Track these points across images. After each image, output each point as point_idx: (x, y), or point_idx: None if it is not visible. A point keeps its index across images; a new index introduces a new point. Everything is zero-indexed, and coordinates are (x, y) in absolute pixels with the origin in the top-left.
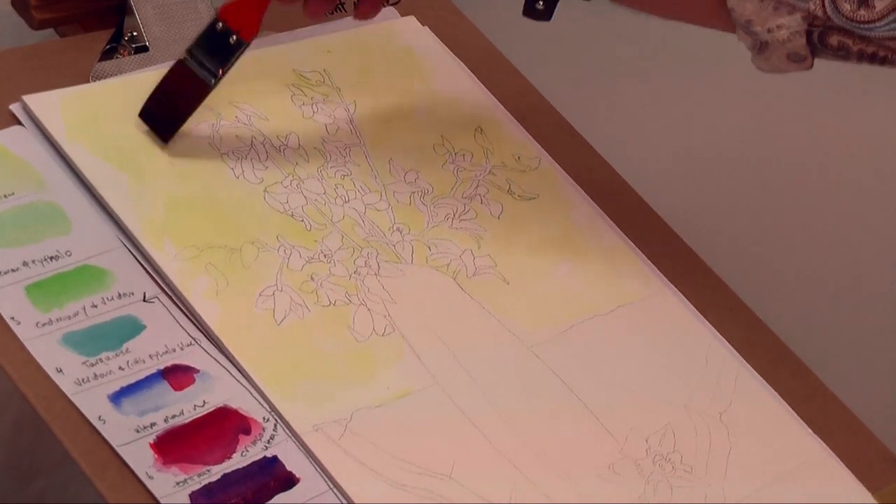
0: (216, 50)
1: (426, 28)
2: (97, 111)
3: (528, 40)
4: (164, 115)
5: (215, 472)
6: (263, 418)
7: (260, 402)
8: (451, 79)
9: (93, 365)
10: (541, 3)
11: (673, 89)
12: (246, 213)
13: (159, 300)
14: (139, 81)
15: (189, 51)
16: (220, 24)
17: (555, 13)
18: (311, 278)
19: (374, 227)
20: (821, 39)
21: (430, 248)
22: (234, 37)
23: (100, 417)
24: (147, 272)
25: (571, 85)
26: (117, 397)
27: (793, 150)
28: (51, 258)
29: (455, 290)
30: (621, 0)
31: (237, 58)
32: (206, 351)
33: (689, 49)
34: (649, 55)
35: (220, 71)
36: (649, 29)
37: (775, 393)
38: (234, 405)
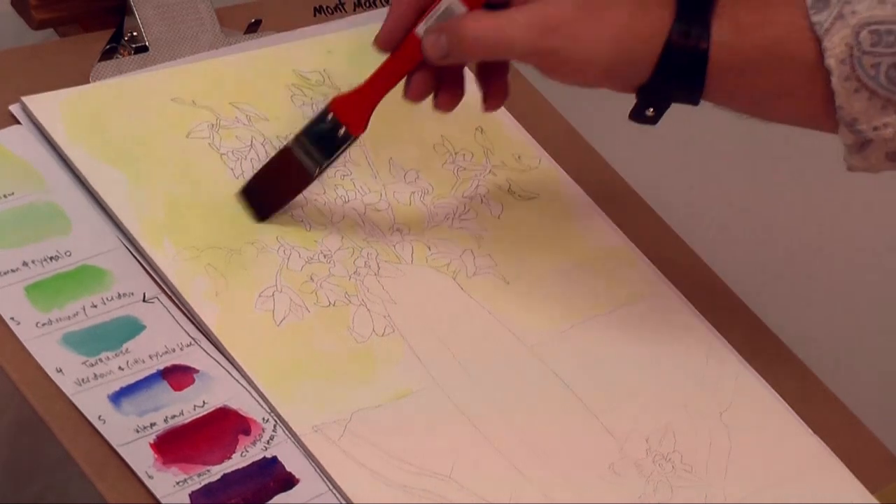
0: (323, 140)
1: None
2: (97, 111)
3: None
4: (263, 197)
5: (215, 473)
6: (263, 419)
7: (259, 403)
8: None
9: (93, 365)
10: (651, 110)
11: None
12: (246, 214)
13: (159, 300)
14: (139, 81)
15: (297, 137)
16: (330, 116)
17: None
18: (311, 279)
19: (373, 227)
20: None
21: (430, 248)
22: (343, 130)
23: (100, 417)
24: (147, 272)
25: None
26: (117, 397)
27: (793, 150)
28: (51, 258)
29: (455, 290)
30: (724, 104)
31: (343, 151)
32: (205, 351)
33: None
34: None
35: (325, 162)
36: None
37: (775, 393)
38: (233, 405)
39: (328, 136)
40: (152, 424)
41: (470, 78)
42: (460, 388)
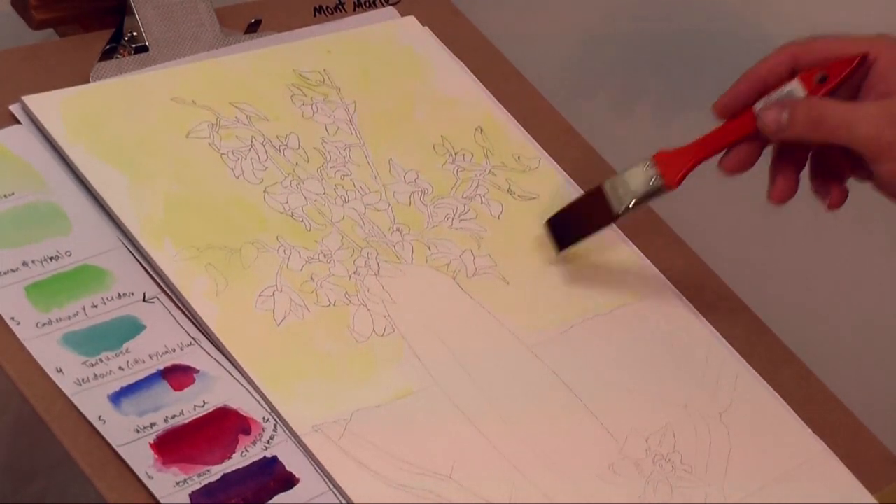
0: (637, 187)
1: (426, 28)
2: (97, 111)
3: (528, 40)
4: (568, 229)
5: (215, 472)
6: (263, 418)
7: (260, 403)
8: (451, 79)
9: (93, 365)
10: None
11: (673, 89)
12: (246, 214)
13: (159, 300)
14: (139, 81)
15: (614, 178)
16: (651, 165)
17: None
18: (311, 279)
19: (374, 227)
20: None
21: (430, 248)
22: (658, 179)
23: (100, 417)
24: (147, 272)
25: (571, 85)
26: (117, 397)
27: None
28: (51, 258)
29: (455, 290)
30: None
31: (651, 198)
32: (205, 351)
33: (689, 48)
34: (649, 55)
35: (632, 202)
36: (649, 28)
37: (775, 393)
38: (233, 405)
39: (644, 183)
40: (152, 424)
41: (465, 77)
42: (460, 388)
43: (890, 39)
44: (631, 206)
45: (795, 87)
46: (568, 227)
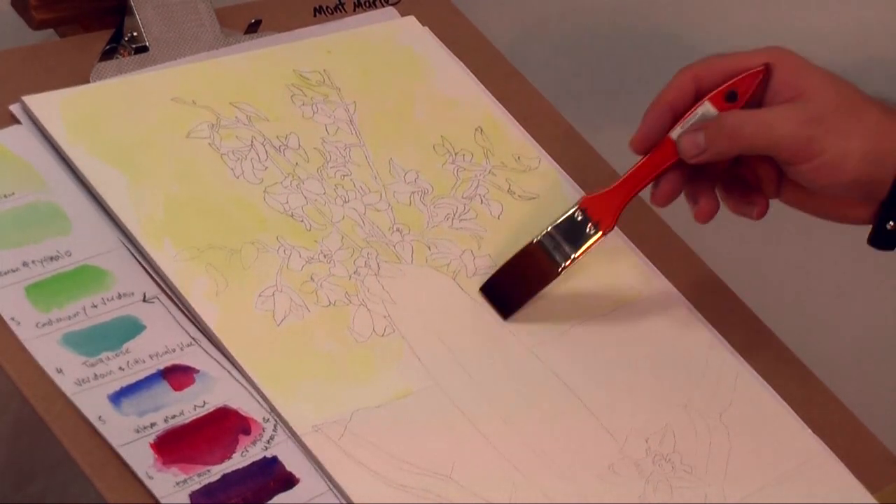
0: (572, 237)
1: (426, 28)
2: (97, 111)
3: (527, 40)
4: (506, 293)
5: (215, 473)
6: (263, 419)
7: (260, 403)
8: (451, 79)
9: (93, 365)
10: (891, 223)
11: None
12: (246, 214)
13: (159, 300)
14: (139, 81)
15: (546, 234)
16: (580, 213)
17: None
18: (311, 279)
19: (374, 227)
20: None
21: (430, 248)
22: (592, 226)
23: (100, 417)
24: (147, 272)
25: (571, 85)
26: (117, 397)
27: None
28: (51, 258)
29: (455, 290)
30: None
31: (589, 247)
32: (205, 351)
33: (690, 48)
34: (649, 55)
35: (572, 256)
36: (649, 28)
37: (775, 393)
38: (234, 405)
39: (577, 231)
40: (152, 424)
41: (465, 77)
42: (460, 388)
43: (782, 49)
44: (571, 260)
45: (707, 109)
46: (509, 290)
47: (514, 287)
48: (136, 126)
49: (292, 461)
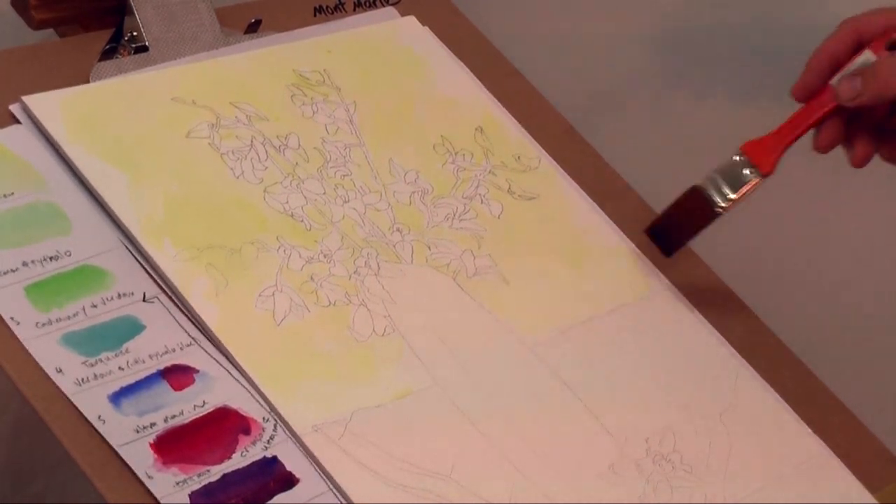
0: (732, 179)
1: (426, 28)
2: (97, 111)
3: (528, 40)
4: (671, 233)
5: (215, 473)
6: (263, 418)
7: (260, 403)
8: (451, 79)
9: (93, 365)
10: None
11: (673, 88)
12: (246, 214)
13: (159, 300)
14: (139, 81)
15: (708, 176)
16: (740, 157)
17: None
18: (311, 279)
19: (373, 227)
20: None
21: (430, 248)
22: (752, 169)
23: (99, 417)
24: (147, 272)
25: (571, 85)
26: (117, 397)
27: (793, 149)
28: (51, 258)
29: (455, 290)
30: None
31: (751, 190)
32: (205, 351)
33: (690, 48)
34: (649, 54)
35: (733, 198)
36: (649, 28)
37: (775, 393)
38: (233, 405)
39: (737, 174)
40: (152, 424)
41: (465, 77)
42: (460, 388)
43: None
44: (732, 201)
45: (868, 58)
46: (673, 231)
47: (677, 228)
48: (135, 126)
49: (292, 461)
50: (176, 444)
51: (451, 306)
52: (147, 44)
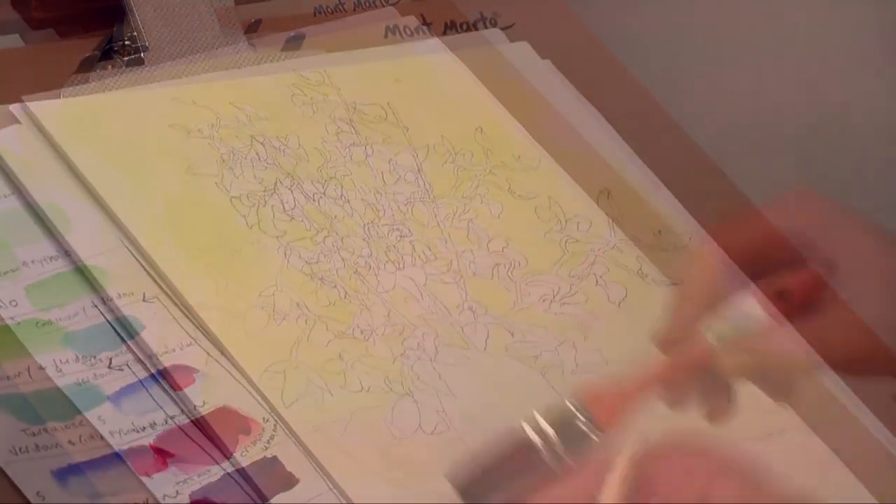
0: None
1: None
2: (97, 111)
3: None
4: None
5: (215, 473)
6: (263, 418)
7: (260, 403)
8: (451, 79)
9: (93, 365)
10: None
11: (673, 88)
12: (246, 213)
13: (159, 300)
14: (139, 82)
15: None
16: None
17: None
18: (311, 278)
19: (373, 227)
20: None
21: (429, 248)
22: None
23: (99, 417)
24: (147, 272)
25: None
26: (117, 397)
27: (792, 147)
28: (51, 258)
29: (454, 287)
30: None
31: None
32: (205, 351)
33: (690, 48)
34: (649, 54)
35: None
36: (649, 28)
37: None
38: (233, 405)
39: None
40: (152, 424)
41: (465, 77)
42: (460, 388)
43: (805, 197)
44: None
45: (752, 309)
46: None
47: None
48: (136, 126)
49: (292, 461)
50: (176, 445)
51: (450, 306)
52: (147, 45)
